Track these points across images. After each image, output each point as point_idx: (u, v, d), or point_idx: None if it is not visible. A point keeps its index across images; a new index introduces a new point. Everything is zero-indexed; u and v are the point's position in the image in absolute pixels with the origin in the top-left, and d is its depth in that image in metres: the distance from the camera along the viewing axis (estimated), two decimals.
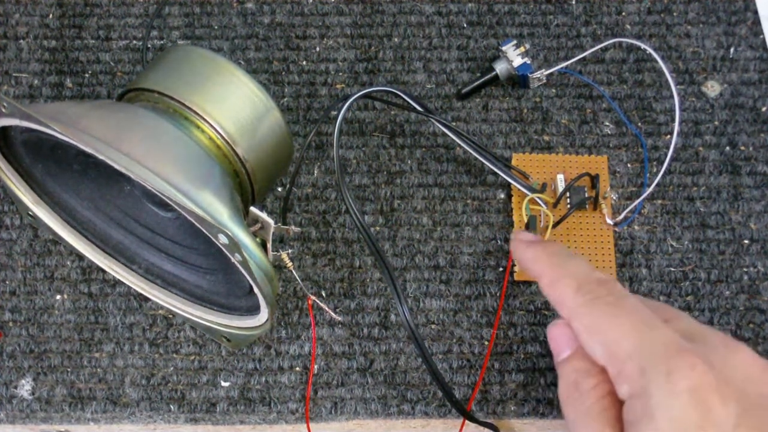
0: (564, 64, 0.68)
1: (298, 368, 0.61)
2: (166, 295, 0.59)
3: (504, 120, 0.68)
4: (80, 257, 0.63)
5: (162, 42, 0.71)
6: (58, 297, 0.63)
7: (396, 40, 0.71)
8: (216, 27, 0.71)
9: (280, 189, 0.66)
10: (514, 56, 0.68)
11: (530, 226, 0.62)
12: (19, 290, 0.63)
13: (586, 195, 0.65)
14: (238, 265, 0.48)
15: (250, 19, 0.72)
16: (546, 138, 0.68)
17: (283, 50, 0.71)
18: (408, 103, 0.64)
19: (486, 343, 0.62)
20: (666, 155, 0.65)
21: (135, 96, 0.56)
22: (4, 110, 0.49)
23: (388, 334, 0.62)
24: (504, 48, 0.68)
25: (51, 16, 0.72)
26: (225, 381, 0.61)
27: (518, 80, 0.69)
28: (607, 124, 0.68)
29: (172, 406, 0.60)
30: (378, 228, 0.65)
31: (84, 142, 0.47)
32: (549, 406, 0.60)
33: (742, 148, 0.68)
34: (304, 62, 0.70)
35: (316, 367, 0.61)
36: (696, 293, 0.63)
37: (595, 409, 0.47)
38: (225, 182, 0.51)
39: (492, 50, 0.71)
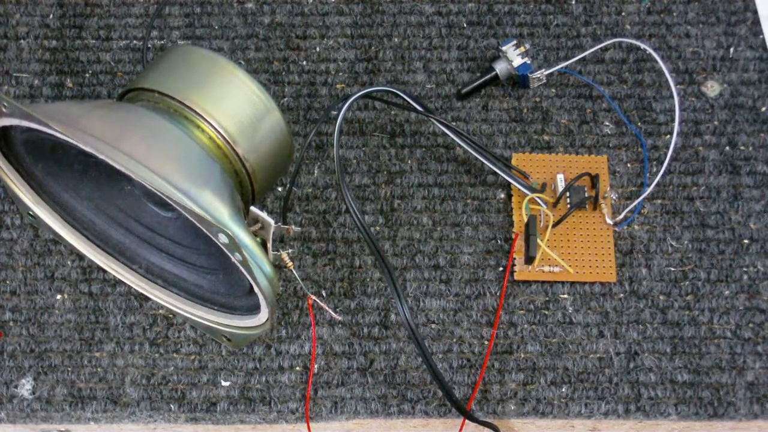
0: (564, 64, 0.68)
1: (298, 368, 0.61)
2: (166, 295, 0.59)
3: (504, 120, 0.69)
4: (80, 257, 0.63)
5: (162, 42, 0.71)
6: (59, 297, 0.63)
7: (396, 40, 0.71)
8: (216, 27, 0.71)
9: (280, 189, 0.66)
10: (514, 56, 0.68)
11: (530, 226, 0.62)
12: (20, 290, 0.63)
13: (586, 195, 0.65)
14: (239, 265, 0.48)
15: (250, 19, 0.72)
16: (546, 138, 0.68)
17: (283, 50, 0.71)
18: (408, 103, 0.64)
19: (486, 342, 0.62)
20: (666, 155, 0.65)
21: (135, 96, 0.56)
22: (4, 110, 0.49)
23: (388, 333, 0.62)
24: (504, 48, 0.68)
25: (51, 16, 0.72)
26: (225, 380, 0.61)
27: (518, 80, 0.69)
28: (607, 124, 0.68)
29: (172, 406, 0.60)
30: (378, 228, 0.65)
31: (84, 141, 0.47)
32: (549, 406, 0.60)
33: (742, 148, 0.68)
34: (305, 62, 0.70)
35: (316, 366, 0.61)
36: (696, 293, 0.63)
37: None
38: (225, 182, 0.51)
39: (492, 50, 0.71)
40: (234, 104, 0.55)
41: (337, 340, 0.62)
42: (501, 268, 0.64)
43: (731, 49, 0.71)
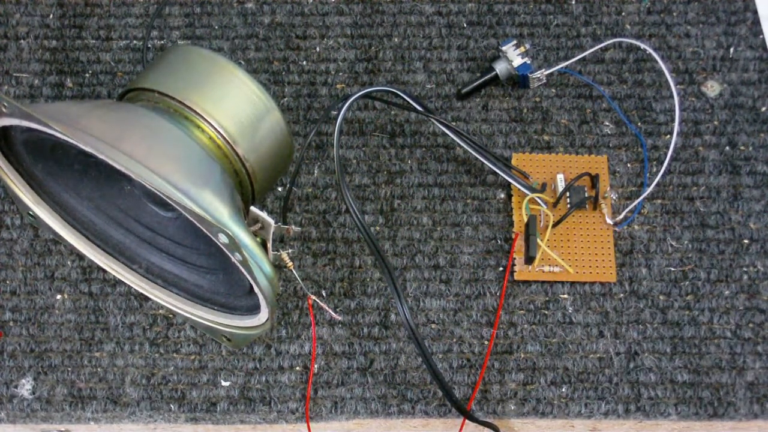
0: (564, 64, 0.68)
1: (298, 368, 0.61)
2: (166, 295, 0.59)
3: (504, 120, 0.69)
4: (80, 257, 0.63)
5: (162, 42, 0.71)
6: (59, 296, 0.63)
7: (396, 40, 0.71)
8: (216, 27, 0.71)
9: (280, 189, 0.66)
10: (514, 56, 0.68)
11: (530, 226, 0.62)
12: (20, 290, 0.63)
13: (586, 195, 0.65)
14: (239, 265, 0.48)
15: (250, 19, 0.72)
16: (546, 138, 0.68)
17: (283, 50, 0.71)
18: (408, 103, 0.64)
19: (486, 342, 0.62)
20: (666, 155, 0.65)
21: (135, 96, 0.56)
22: (4, 110, 0.49)
23: (388, 333, 0.62)
24: (504, 48, 0.68)
25: (51, 16, 0.72)
26: (225, 380, 0.61)
27: (518, 80, 0.69)
28: (607, 124, 0.68)
29: (172, 406, 0.60)
30: (378, 228, 0.65)
31: (84, 141, 0.47)
32: (549, 406, 0.60)
33: (742, 148, 0.68)
34: (305, 62, 0.70)
35: (316, 366, 0.61)
36: (696, 293, 0.63)
37: None
38: (225, 182, 0.51)
39: (492, 50, 0.71)
40: (234, 104, 0.55)
41: (337, 340, 0.62)
42: (501, 268, 0.64)
43: (731, 49, 0.71)
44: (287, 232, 0.54)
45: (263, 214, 0.51)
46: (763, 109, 0.69)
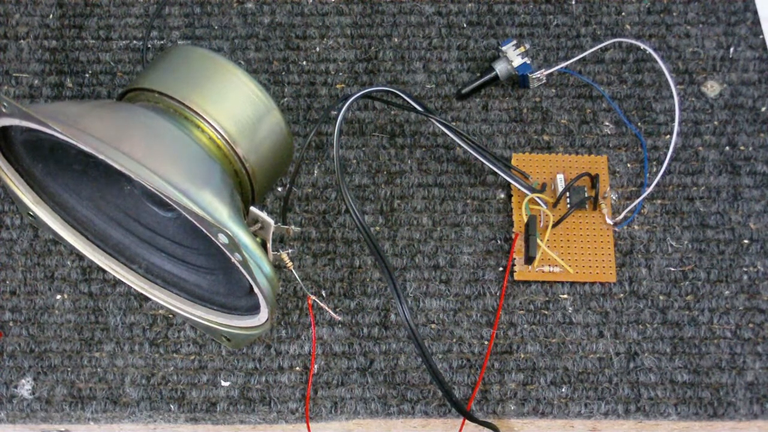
0: (564, 64, 0.68)
1: (298, 368, 0.61)
2: (166, 295, 0.59)
3: (504, 120, 0.69)
4: (80, 257, 0.63)
5: (162, 42, 0.71)
6: (59, 297, 0.63)
7: (396, 40, 0.71)
8: (216, 27, 0.71)
9: (280, 189, 0.66)
10: (514, 56, 0.68)
11: (530, 226, 0.62)
12: (20, 290, 0.63)
13: (586, 195, 0.65)
14: (238, 265, 0.48)
15: (250, 19, 0.72)
16: (546, 138, 0.68)
17: (283, 50, 0.71)
18: (408, 103, 0.64)
19: (486, 342, 0.62)
20: (666, 155, 0.65)
21: (135, 96, 0.56)
22: (4, 110, 0.49)
23: (388, 333, 0.62)
24: (504, 48, 0.68)
25: (51, 16, 0.72)
26: (225, 381, 0.61)
27: (518, 80, 0.69)
28: (607, 124, 0.68)
29: (172, 406, 0.60)
30: (378, 228, 0.65)
31: (84, 141, 0.47)
32: (549, 406, 0.60)
33: (742, 148, 0.68)
34: (304, 62, 0.70)
35: (316, 366, 0.61)
36: (696, 293, 0.63)
37: None
38: (225, 182, 0.51)
39: (492, 50, 0.71)
40: (234, 104, 0.55)
41: (337, 340, 0.62)
42: (501, 268, 0.64)
43: (731, 49, 0.71)
44: (287, 232, 0.54)
45: (263, 214, 0.51)
46: (763, 109, 0.69)
